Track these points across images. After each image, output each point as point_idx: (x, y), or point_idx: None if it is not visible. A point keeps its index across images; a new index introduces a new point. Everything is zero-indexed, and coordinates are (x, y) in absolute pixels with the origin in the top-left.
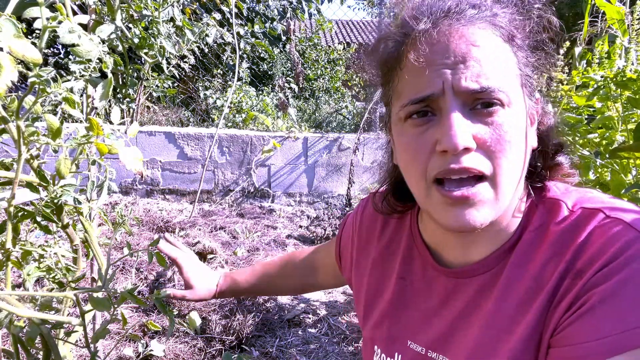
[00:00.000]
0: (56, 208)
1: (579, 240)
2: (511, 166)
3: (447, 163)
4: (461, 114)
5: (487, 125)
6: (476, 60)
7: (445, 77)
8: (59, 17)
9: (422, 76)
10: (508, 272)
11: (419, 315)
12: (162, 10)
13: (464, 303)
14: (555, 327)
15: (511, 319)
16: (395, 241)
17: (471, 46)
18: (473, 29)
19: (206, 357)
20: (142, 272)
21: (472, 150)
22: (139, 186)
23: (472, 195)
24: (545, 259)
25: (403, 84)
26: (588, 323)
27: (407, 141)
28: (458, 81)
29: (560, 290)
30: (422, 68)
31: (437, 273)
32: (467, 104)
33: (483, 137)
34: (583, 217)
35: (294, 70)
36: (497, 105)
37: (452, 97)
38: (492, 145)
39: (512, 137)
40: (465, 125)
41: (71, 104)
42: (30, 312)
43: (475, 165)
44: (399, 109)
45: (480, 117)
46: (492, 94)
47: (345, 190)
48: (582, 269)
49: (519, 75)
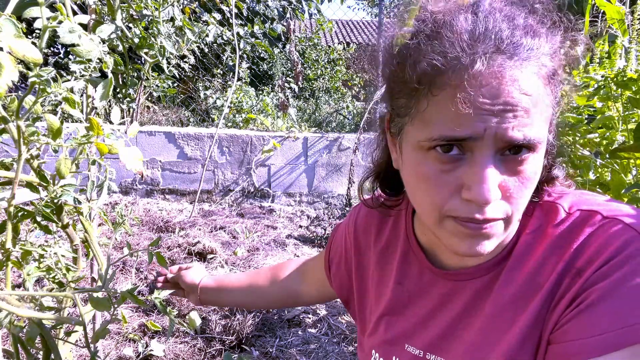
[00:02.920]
0: (56, 208)
1: (578, 240)
2: (525, 202)
3: (470, 211)
4: (493, 162)
5: (514, 174)
6: (525, 110)
7: (489, 124)
8: (59, 17)
9: (463, 115)
10: (506, 274)
11: (416, 318)
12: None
13: (461, 305)
14: (555, 325)
15: (508, 320)
16: (391, 246)
17: (523, 95)
18: (525, 73)
19: (206, 357)
20: (142, 272)
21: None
22: (139, 186)
23: (489, 229)
24: (543, 260)
25: (434, 113)
26: (587, 319)
27: (428, 173)
28: (504, 130)
29: (560, 289)
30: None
31: (433, 276)
32: (499, 151)
33: (507, 186)
34: (580, 219)
35: (294, 70)
36: (528, 152)
37: (491, 144)
38: (514, 193)
39: (534, 181)
40: (496, 178)
41: (71, 104)
42: (30, 312)
43: (497, 215)
44: (425, 139)
45: (509, 164)
46: (530, 146)
47: (345, 190)
48: (581, 268)
49: (551, 115)
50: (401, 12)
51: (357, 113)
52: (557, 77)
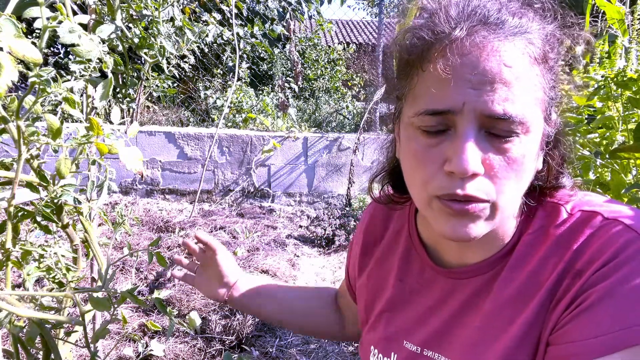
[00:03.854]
0: (56, 208)
1: (579, 241)
2: (514, 192)
3: (452, 187)
4: (476, 137)
5: (499, 153)
6: (505, 82)
7: (468, 96)
8: (59, 17)
9: (445, 88)
10: (506, 273)
11: (415, 315)
12: (162, 10)
13: (460, 302)
14: (554, 325)
15: (507, 318)
16: (394, 243)
17: (503, 66)
18: (508, 46)
19: (206, 357)
20: (142, 272)
21: (479, 175)
22: (139, 186)
23: (472, 209)
24: (543, 260)
25: (422, 88)
26: (586, 321)
27: (416, 149)
28: (482, 104)
29: (560, 290)
30: (447, 79)
31: (434, 273)
32: (484, 127)
33: (492, 164)
34: (582, 220)
35: (294, 70)
36: (514, 134)
37: (472, 118)
38: (499, 172)
39: (522, 165)
40: (477, 150)
41: (71, 104)
42: (30, 312)
43: (478, 194)
44: (413, 114)
45: (494, 142)
46: (514, 123)
47: (345, 190)
48: (581, 269)
49: (543, 100)
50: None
51: (357, 113)
52: (550, 62)
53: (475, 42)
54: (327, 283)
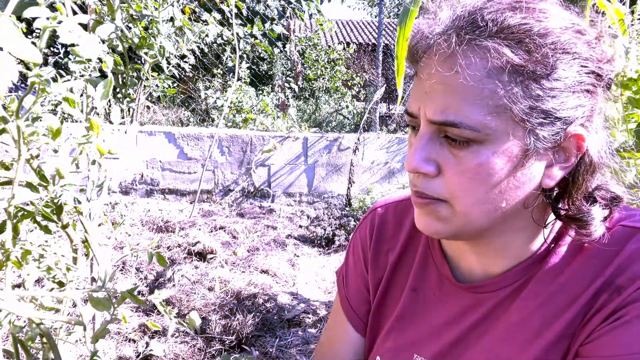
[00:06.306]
0: (56, 208)
1: (620, 257)
2: (477, 198)
3: (413, 182)
4: (430, 139)
5: (455, 157)
6: (450, 90)
7: (422, 101)
8: (59, 17)
9: (414, 91)
10: (534, 284)
11: (429, 328)
12: (162, 10)
13: (481, 315)
14: (586, 338)
15: (535, 331)
16: (410, 250)
17: (454, 72)
18: (464, 51)
19: (206, 357)
20: (142, 272)
21: (431, 176)
22: (139, 186)
23: (423, 202)
24: (578, 273)
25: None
26: (621, 337)
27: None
28: (428, 110)
29: (596, 304)
30: (417, 83)
31: (454, 288)
32: (440, 131)
33: (445, 167)
34: (624, 236)
35: (294, 70)
36: (469, 141)
37: (426, 122)
38: (453, 176)
39: (481, 174)
40: (427, 150)
41: (71, 103)
42: (30, 312)
43: (427, 191)
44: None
45: (451, 147)
46: (462, 130)
47: (345, 190)
48: (622, 285)
49: (513, 112)
50: None
51: (357, 113)
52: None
53: (440, 48)
54: (327, 283)
